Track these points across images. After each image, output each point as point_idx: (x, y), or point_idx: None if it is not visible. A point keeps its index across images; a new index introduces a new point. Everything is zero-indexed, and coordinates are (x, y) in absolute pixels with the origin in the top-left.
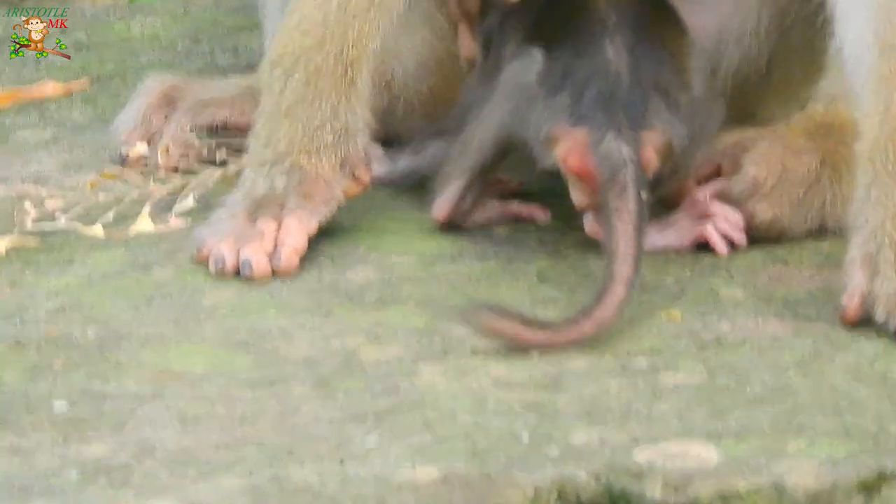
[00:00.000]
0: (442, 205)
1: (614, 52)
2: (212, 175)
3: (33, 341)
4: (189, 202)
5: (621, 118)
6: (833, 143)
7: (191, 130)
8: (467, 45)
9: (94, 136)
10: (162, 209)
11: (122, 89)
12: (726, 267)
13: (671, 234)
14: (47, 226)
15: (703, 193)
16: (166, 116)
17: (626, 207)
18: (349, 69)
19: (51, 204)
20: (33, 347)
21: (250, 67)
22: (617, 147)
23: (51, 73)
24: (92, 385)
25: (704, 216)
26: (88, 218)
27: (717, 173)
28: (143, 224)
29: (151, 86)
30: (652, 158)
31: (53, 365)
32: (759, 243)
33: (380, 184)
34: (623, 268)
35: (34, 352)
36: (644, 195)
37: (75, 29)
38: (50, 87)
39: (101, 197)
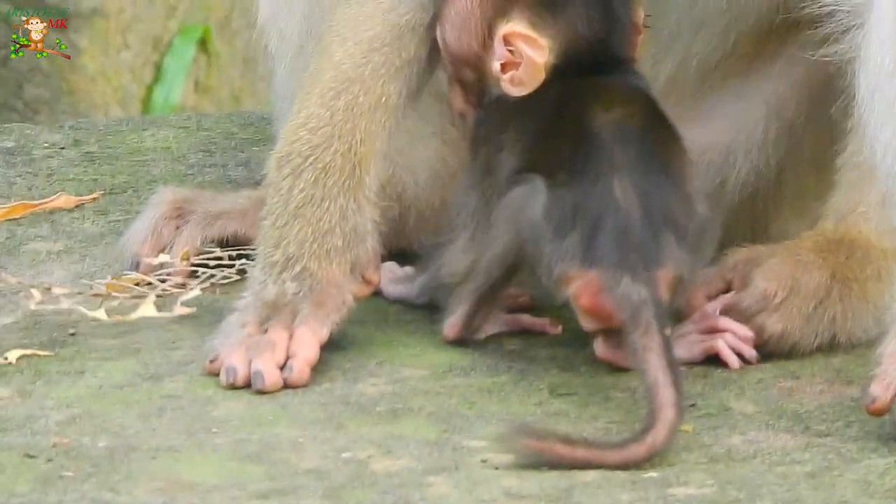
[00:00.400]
0: (452, 324)
1: (622, 191)
2: (221, 271)
3: (44, 452)
4: (196, 291)
5: (635, 260)
6: (843, 258)
7: (202, 243)
8: (460, 103)
9: (106, 247)
10: (169, 300)
11: (134, 201)
12: (737, 381)
13: (682, 347)
14: (50, 308)
15: (713, 308)
16: (177, 228)
17: (654, 344)
18: (357, 168)
19: (57, 290)
20: (44, 458)
21: (263, 181)
22: (636, 290)
23: (63, 186)
24: (103, 495)
25: (714, 330)
26: (93, 305)
27: (727, 289)
28: (147, 310)
29: (163, 198)
30: (665, 296)
31: (64, 475)
32: (770, 357)
33: (397, 302)
34: (667, 392)
35: (45, 462)
36: (668, 331)
37: (88, 141)
38: (62, 200)
39: (113, 292)
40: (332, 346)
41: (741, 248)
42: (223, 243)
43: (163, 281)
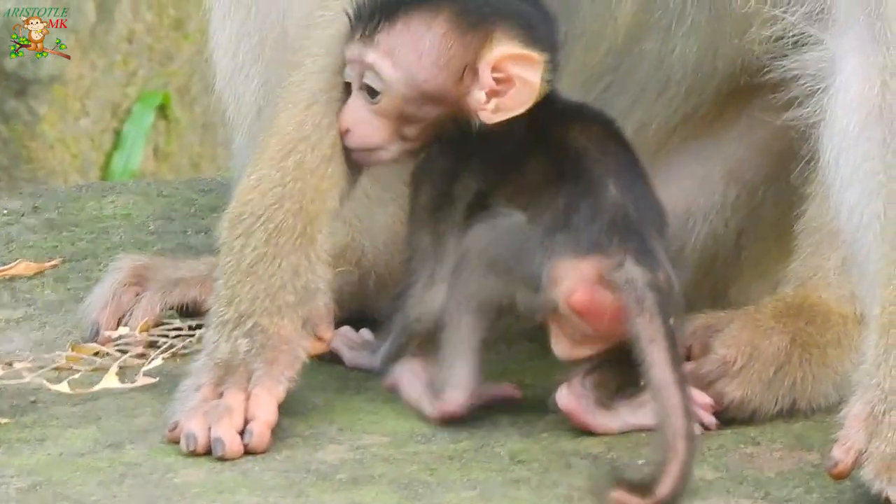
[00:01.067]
0: (455, 398)
1: (618, 191)
2: (182, 340)
3: None
4: (157, 361)
5: (637, 245)
6: (803, 323)
7: (161, 310)
8: (381, 137)
9: (66, 314)
10: (131, 370)
11: (93, 268)
12: (698, 447)
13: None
14: (12, 382)
15: None
16: (137, 295)
17: (659, 336)
18: (308, 227)
19: (19, 365)
20: None
21: None
22: (639, 272)
23: (23, 253)
24: None
25: None
26: (56, 378)
27: (686, 357)
28: (110, 381)
29: (122, 265)
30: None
31: None
32: (730, 424)
33: (361, 371)
34: (675, 399)
35: None
36: (673, 322)
37: (47, 208)
38: (22, 267)
39: (73, 365)
40: (293, 413)
41: (700, 314)
42: (183, 310)
43: (123, 352)
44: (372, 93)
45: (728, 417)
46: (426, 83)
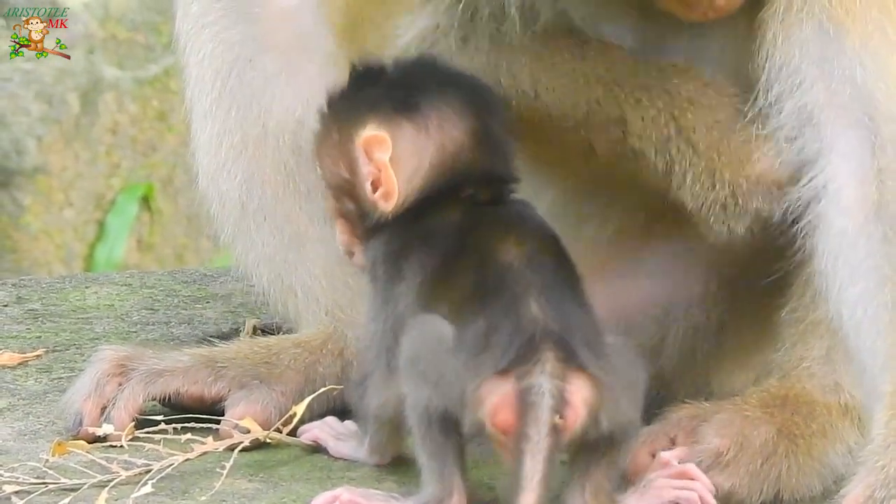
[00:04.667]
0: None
1: (539, 309)
2: (173, 462)
3: None
4: (147, 488)
5: (549, 356)
6: (789, 413)
7: (144, 400)
8: (344, 242)
9: (50, 404)
10: (121, 494)
11: (77, 359)
12: None
13: (651, 496)
14: None
15: (674, 456)
16: (120, 385)
17: (538, 435)
18: None
19: (8, 488)
20: None
21: (206, 338)
22: (540, 381)
23: (6, 343)
24: None
25: (686, 476)
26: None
27: (671, 445)
28: None
29: (105, 355)
30: (579, 406)
31: None
32: None
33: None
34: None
35: None
36: (558, 428)
37: (31, 298)
38: (5, 357)
39: (62, 480)
40: (278, 501)
41: (684, 404)
42: (165, 401)
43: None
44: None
45: None
46: (332, 179)
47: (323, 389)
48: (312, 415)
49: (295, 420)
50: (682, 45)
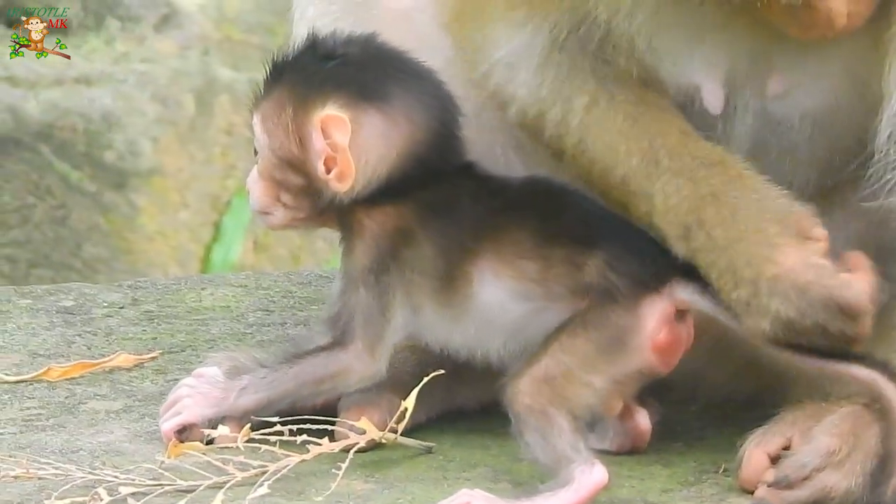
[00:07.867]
0: None
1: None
2: (288, 463)
3: None
4: (263, 489)
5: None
6: None
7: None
8: (263, 203)
9: None
10: (237, 496)
11: (192, 360)
12: None
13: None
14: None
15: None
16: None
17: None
18: None
19: (124, 490)
20: None
21: None
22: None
23: (122, 345)
24: None
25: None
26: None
27: (787, 446)
28: None
29: (221, 358)
30: None
31: None
32: None
33: None
34: None
35: None
36: None
37: (146, 300)
38: (121, 359)
39: (178, 482)
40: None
41: (799, 403)
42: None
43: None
44: (255, 153)
45: None
46: (279, 150)
47: (428, 378)
48: (430, 417)
49: (407, 416)
50: (795, 64)
